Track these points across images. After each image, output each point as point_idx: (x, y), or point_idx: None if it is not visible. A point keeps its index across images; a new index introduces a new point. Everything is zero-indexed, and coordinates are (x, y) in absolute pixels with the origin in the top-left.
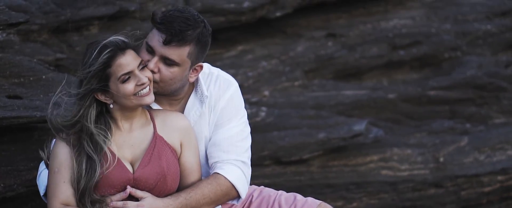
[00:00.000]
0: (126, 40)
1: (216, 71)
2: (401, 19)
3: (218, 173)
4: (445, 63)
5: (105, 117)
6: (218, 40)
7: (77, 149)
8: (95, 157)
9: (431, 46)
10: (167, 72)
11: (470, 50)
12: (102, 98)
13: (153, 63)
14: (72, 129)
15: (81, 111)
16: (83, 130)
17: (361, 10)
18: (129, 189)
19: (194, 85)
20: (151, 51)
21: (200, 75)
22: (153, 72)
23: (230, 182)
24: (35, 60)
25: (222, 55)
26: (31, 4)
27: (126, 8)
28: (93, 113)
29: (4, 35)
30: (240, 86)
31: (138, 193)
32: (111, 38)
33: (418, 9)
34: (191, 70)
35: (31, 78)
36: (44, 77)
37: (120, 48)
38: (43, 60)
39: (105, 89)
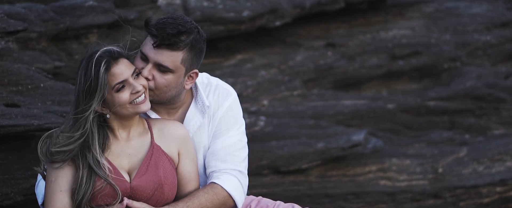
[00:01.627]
0: (118, 49)
1: (215, 81)
2: (400, 29)
3: (214, 183)
4: (444, 73)
5: (103, 127)
6: (217, 49)
7: (80, 159)
8: (95, 168)
9: (431, 57)
10: (162, 79)
11: (470, 61)
12: (98, 108)
13: (147, 70)
14: (75, 146)
15: (87, 127)
16: (84, 142)
17: (360, 20)
18: (126, 201)
19: (192, 94)
20: (145, 59)
21: (199, 85)
22: (147, 79)
23: (226, 191)
24: (33, 68)
25: (221, 64)
26: (30, 12)
27: (125, 17)
28: (95, 126)
29: (2, 43)
30: (239, 95)
31: (135, 204)
32: (103, 49)
33: (418, 20)
34: (186, 77)
35: (29, 86)
36: (42, 85)
37: (113, 58)
38: (42, 68)
39: (101, 100)
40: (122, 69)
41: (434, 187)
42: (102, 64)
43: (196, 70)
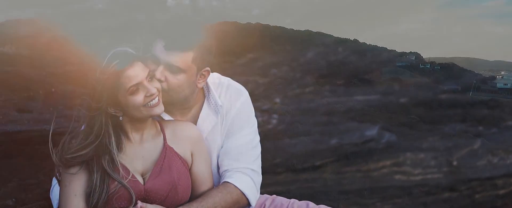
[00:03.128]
0: (133, 51)
1: (226, 80)
2: (411, 23)
3: (228, 182)
4: (456, 66)
5: (116, 129)
6: (228, 48)
7: (93, 162)
8: (110, 171)
9: (442, 49)
10: (174, 79)
11: (482, 53)
12: (111, 110)
13: (159, 72)
14: (90, 149)
15: (102, 128)
16: (99, 144)
17: (371, 16)
18: (140, 204)
19: (204, 94)
20: (156, 61)
21: (211, 85)
22: (160, 80)
23: (240, 190)
24: (45, 73)
25: (232, 63)
26: (40, 16)
27: (134, 19)
28: (111, 128)
29: (13, 48)
30: (250, 93)
31: (149, 207)
32: (118, 50)
33: (429, 13)
34: (198, 76)
35: (40, 91)
36: (53, 90)
37: (128, 60)
38: (53, 72)
39: (115, 102)
40: (137, 72)
41: (449, 180)
42: (113, 63)
43: (208, 68)
